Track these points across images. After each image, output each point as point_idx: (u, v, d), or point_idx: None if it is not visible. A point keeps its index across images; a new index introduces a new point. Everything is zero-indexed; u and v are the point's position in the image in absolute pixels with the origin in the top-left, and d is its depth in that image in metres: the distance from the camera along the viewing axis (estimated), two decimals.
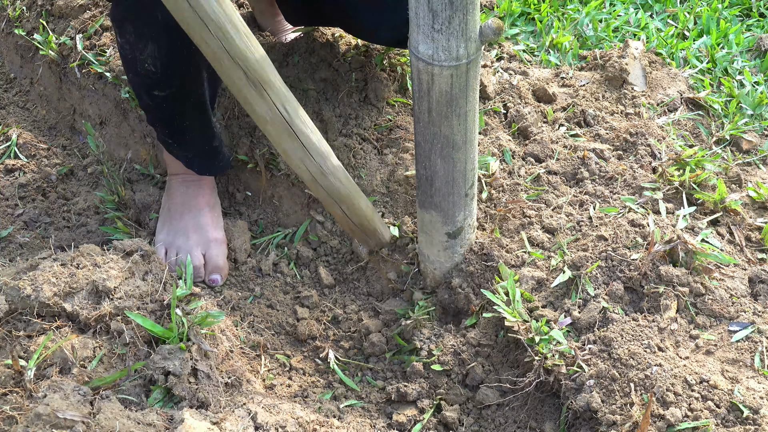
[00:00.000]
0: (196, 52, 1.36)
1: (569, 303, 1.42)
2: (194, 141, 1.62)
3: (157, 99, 1.50)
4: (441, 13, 1.16)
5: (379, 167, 1.75)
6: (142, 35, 1.42)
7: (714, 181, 1.64)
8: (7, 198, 1.81)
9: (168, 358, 1.20)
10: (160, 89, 1.49)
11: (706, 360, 1.31)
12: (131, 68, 1.48)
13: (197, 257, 1.64)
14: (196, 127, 1.59)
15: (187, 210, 1.68)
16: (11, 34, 2.16)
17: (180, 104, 1.53)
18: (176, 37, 1.37)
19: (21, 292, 1.24)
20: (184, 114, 1.56)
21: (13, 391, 1.11)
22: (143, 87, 1.50)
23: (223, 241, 1.69)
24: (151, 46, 1.42)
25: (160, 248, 1.66)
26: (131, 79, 1.52)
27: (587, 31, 2.22)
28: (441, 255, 1.53)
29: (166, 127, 1.59)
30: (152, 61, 1.43)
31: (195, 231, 1.66)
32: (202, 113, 1.58)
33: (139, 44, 1.42)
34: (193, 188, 1.69)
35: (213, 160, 1.68)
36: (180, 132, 1.59)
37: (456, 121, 1.31)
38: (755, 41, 2.18)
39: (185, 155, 1.65)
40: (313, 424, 1.23)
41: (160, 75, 1.45)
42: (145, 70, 1.45)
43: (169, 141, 1.62)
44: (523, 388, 1.37)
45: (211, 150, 1.65)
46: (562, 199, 1.65)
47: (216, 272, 1.65)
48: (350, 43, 1.89)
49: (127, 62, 1.48)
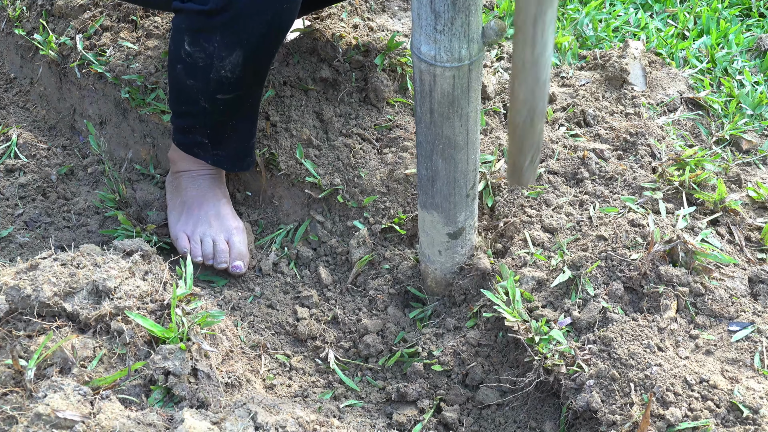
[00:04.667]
0: (272, 57, 1.45)
1: (569, 303, 1.42)
2: (235, 140, 1.63)
3: (217, 102, 1.52)
4: (443, 15, 1.16)
5: (379, 166, 1.76)
6: (229, 44, 1.43)
7: (714, 181, 1.64)
8: (7, 198, 1.81)
9: (168, 358, 1.20)
10: (226, 93, 1.50)
11: (706, 360, 1.31)
12: (199, 75, 1.48)
13: (222, 242, 1.66)
14: (245, 128, 1.61)
15: (205, 201, 1.69)
16: (11, 34, 2.16)
17: (239, 107, 1.55)
18: (263, 44, 1.42)
19: (21, 292, 1.24)
20: (238, 115, 1.57)
21: (13, 391, 1.11)
22: (206, 92, 1.50)
23: (243, 229, 1.71)
24: (237, 53, 1.44)
25: (182, 236, 1.67)
26: (190, 85, 1.51)
27: (587, 31, 2.22)
28: (442, 255, 1.53)
29: (209, 129, 1.59)
30: (232, 68, 1.45)
31: (216, 219, 1.68)
32: (255, 113, 1.61)
33: (222, 52, 1.44)
34: (208, 181, 1.70)
35: (246, 157, 1.68)
36: (222, 133, 1.60)
37: (458, 122, 1.31)
38: (755, 41, 2.18)
39: (216, 154, 1.64)
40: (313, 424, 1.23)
41: (234, 80, 1.47)
42: (219, 77, 1.46)
43: (203, 142, 1.61)
44: (523, 388, 1.37)
45: (249, 147, 1.67)
46: (562, 199, 1.65)
47: (239, 259, 1.66)
48: (350, 43, 1.89)
49: (196, 69, 1.47)
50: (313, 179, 1.75)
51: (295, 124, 1.78)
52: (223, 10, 1.39)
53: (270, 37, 1.43)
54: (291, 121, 1.79)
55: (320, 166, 1.76)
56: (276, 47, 1.48)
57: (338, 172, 1.75)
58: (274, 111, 1.79)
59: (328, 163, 1.77)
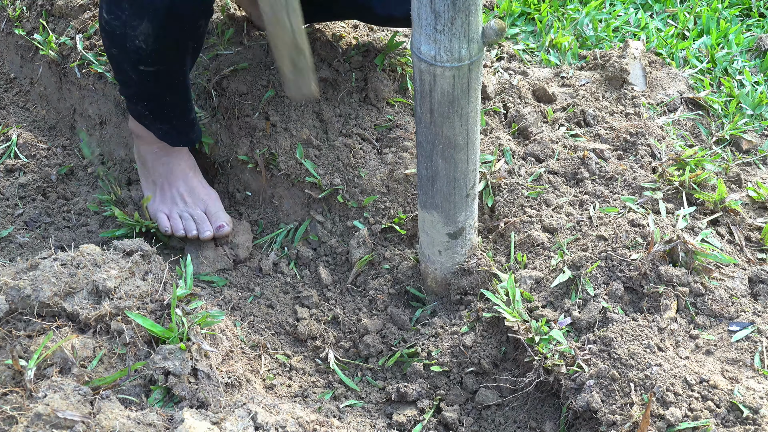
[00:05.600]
0: (186, 33, 1.47)
1: (569, 303, 1.42)
2: (172, 115, 1.66)
3: (142, 74, 1.54)
4: (443, 14, 1.16)
5: (379, 166, 1.76)
6: (138, 14, 1.45)
7: (714, 181, 1.64)
8: (7, 198, 1.81)
9: (168, 358, 1.20)
10: (147, 65, 1.53)
11: (706, 360, 1.31)
12: (117, 43, 1.51)
13: (199, 215, 1.73)
14: (177, 103, 1.64)
15: (174, 177, 1.75)
16: (11, 34, 2.16)
17: (165, 81, 1.58)
18: (172, 18, 1.44)
19: (21, 292, 1.24)
20: (166, 89, 1.60)
21: (13, 391, 1.11)
22: (128, 62, 1.53)
23: (216, 197, 1.77)
24: (146, 25, 1.46)
25: (161, 216, 1.73)
26: (114, 54, 1.55)
27: (587, 31, 2.22)
28: (442, 255, 1.53)
29: (145, 101, 1.63)
30: (144, 38, 1.47)
31: (189, 194, 1.74)
32: (185, 89, 1.63)
33: (133, 22, 1.46)
34: (174, 156, 1.75)
35: (188, 133, 1.72)
36: (159, 107, 1.63)
37: (458, 122, 1.31)
38: (755, 41, 2.18)
39: (160, 128, 1.68)
40: (313, 424, 1.23)
41: (150, 52, 1.50)
42: (135, 47, 1.49)
43: (145, 113, 1.65)
44: (523, 388, 1.37)
45: (187, 122, 1.70)
46: (563, 199, 1.65)
47: (221, 221, 1.73)
48: (350, 43, 1.89)
49: (114, 37, 1.50)
50: (313, 179, 1.75)
51: (294, 124, 1.78)
52: None
53: (175, 12, 1.43)
54: (291, 121, 1.79)
55: (320, 166, 1.76)
56: (186, 24, 1.48)
57: (338, 172, 1.75)
58: (274, 111, 1.79)
59: (328, 163, 1.77)
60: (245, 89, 1.80)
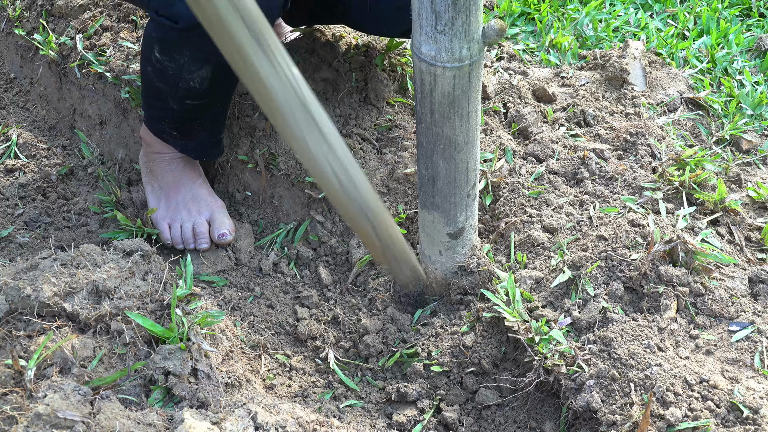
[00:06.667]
0: None
1: (569, 303, 1.42)
2: (203, 135, 1.66)
3: (186, 106, 1.55)
4: (444, 15, 1.16)
5: (379, 166, 1.76)
6: (198, 60, 1.46)
7: (714, 181, 1.64)
8: (7, 198, 1.81)
9: (168, 358, 1.20)
10: (194, 100, 1.53)
11: (706, 360, 1.31)
12: (168, 81, 1.50)
13: (202, 224, 1.70)
14: (213, 126, 1.64)
15: (181, 185, 1.73)
16: (11, 34, 2.16)
17: (208, 111, 1.59)
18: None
19: (21, 292, 1.24)
20: (206, 116, 1.60)
21: (13, 391, 1.11)
22: (175, 96, 1.53)
23: (222, 206, 1.74)
24: (206, 70, 1.47)
25: (163, 226, 1.71)
26: (160, 88, 1.53)
27: (587, 31, 2.22)
28: (442, 255, 1.53)
29: (177, 124, 1.62)
30: (200, 81, 1.48)
31: (194, 202, 1.72)
32: (225, 110, 1.64)
33: (192, 66, 1.46)
34: (182, 163, 1.74)
35: (213, 148, 1.71)
36: (190, 129, 1.63)
37: (458, 122, 1.31)
38: (755, 41, 2.18)
39: (184, 144, 1.67)
40: (313, 424, 1.23)
41: (203, 91, 1.51)
42: (188, 87, 1.49)
43: (172, 132, 1.64)
44: (523, 388, 1.37)
45: (216, 141, 1.70)
46: (563, 199, 1.65)
47: (224, 228, 1.70)
48: (350, 43, 1.89)
49: (165, 76, 1.49)
50: (313, 179, 1.75)
51: None
52: (194, 28, 1.39)
53: None
54: None
55: None
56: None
57: None
58: None
59: None
60: (245, 89, 1.80)
